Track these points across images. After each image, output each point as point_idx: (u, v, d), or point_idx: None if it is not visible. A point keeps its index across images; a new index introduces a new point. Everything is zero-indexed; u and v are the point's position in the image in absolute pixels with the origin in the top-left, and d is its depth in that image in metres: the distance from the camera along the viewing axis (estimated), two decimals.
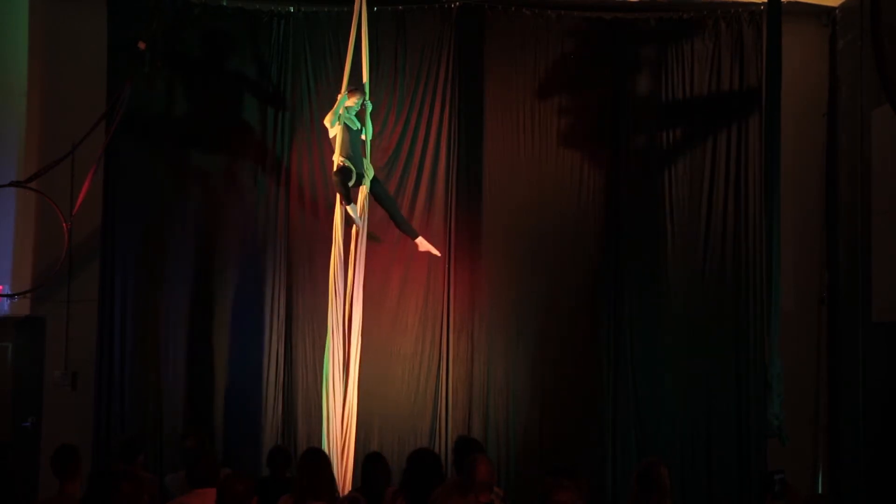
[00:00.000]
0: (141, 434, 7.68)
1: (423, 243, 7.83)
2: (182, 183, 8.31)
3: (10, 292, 7.95)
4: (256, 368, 8.21)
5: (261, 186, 8.36)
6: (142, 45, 7.68)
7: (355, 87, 7.45)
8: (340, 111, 7.35)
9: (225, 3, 8.41)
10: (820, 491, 8.46)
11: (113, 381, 8.07)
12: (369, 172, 7.49)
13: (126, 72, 7.86)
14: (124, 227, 8.20)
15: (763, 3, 7.88)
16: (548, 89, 8.56)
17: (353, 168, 7.28)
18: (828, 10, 8.67)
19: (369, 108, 7.53)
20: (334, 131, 7.42)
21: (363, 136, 7.56)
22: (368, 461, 5.86)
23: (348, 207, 7.28)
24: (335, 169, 7.31)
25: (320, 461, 5.35)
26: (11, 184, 7.65)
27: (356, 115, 7.47)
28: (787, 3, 7.79)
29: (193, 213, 8.30)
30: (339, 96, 7.39)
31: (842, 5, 8.56)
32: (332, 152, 8.24)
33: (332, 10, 8.37)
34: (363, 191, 7.45)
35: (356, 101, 7.44)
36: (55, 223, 7.67)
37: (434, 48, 8.48)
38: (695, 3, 8.63)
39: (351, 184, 7.31)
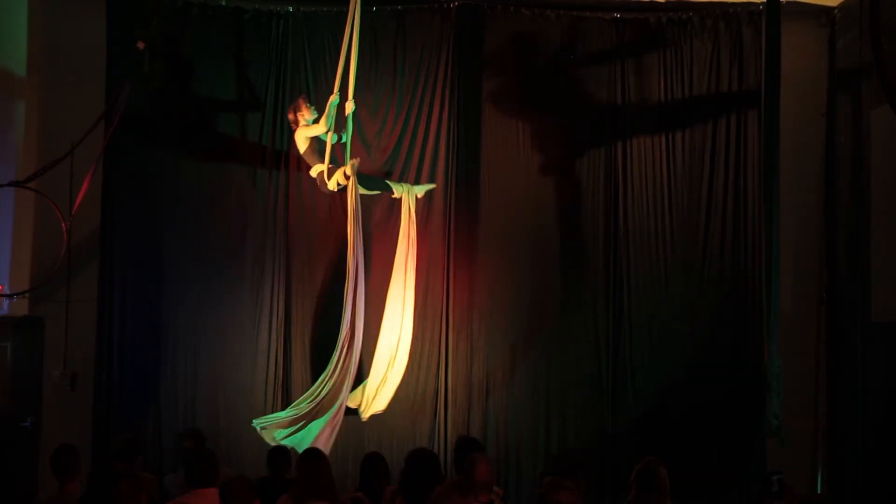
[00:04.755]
0: (140, 434, 7.69)
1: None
2: (181, 182, 8.30)
3: (9, 292, 7.95)
4: (255, 368, 8.22)
5: (260, 186, 8.36)
6: (141, 45, 7.70)
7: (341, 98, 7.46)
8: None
9: (224, 3, 8.41)
10: (820, 491, 8.46)
11: (112, 381, 8.07)
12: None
13: (125, 72, 7.87)
14: (123, 226, 8.21)
15: (762, 3, 7.88)
16: (547, 89, 8.56)
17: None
18: (827, 10, 8.68)
19: (352, 108, 7.47)
20: (305, 145, 7.56)
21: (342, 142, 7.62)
22: (368, 461, 5.87)
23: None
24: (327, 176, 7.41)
25: (320, 462, 5.36)
26: (11, 184, 7.65)
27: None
28: (787, 3, 7.79)
29: (192, 212, 8.30)
30: (332, 97, 7.36)
31: (841, 5, 8.56)
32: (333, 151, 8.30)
33: (331, 9, 8.37)
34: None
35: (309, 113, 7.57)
36: (54, 223, 7.67)
37: (433, 48, 8.48)
38: (694, 3, 8.64)
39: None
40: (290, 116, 7.69)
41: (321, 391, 7.23)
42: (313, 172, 7.57)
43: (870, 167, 8.02)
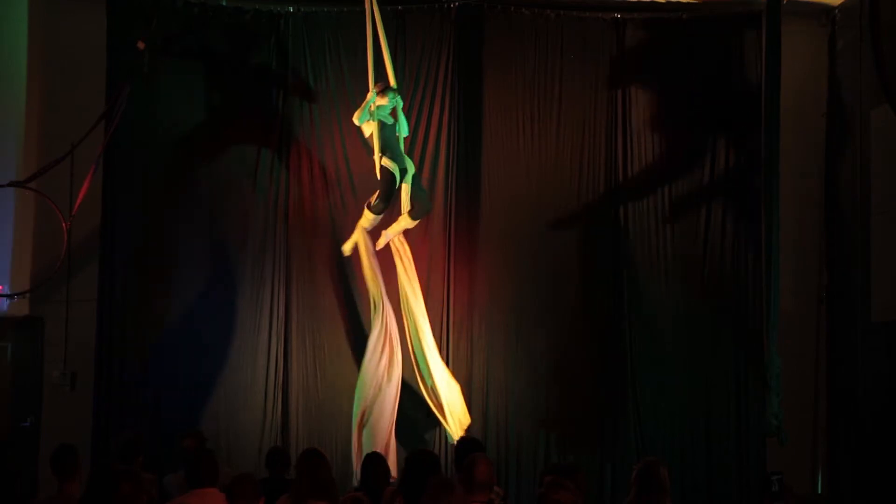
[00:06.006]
0: (140, 434, 7.67)
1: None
2: (181, 183, 8.30)
3: (9, 292, 7.95)
4: (255, 368, 8.22)
5: (260, 186, 8.35)
6: (141, 45, 7.70)
7: (386, 86, 7.53)
8: (371, 108, 7.40)
9: (224, 3, 8.41)
10: (820, 491, 8.46)
11: (112, 381, 8.07)
12: (410, 167, 7.58)
13: (125, 72, 7.86)
14: (123, 227, 8.21)
15: (763, 3, 7.88)
16: (547, 89, 8.56)
17: (396, 167, 7.40)
18: (827, 10, 8.68)
19: (400, 104, 7.57)
20: (370, 129, 7.52)
21: (398, 133, 7.64)
22: (368, 461, 5.87)
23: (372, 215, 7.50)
24: (379, 171, 7.43)
25: (320, 461, 5.35)
26: (11, 184, 7.65)
27: (389, 114, 7.55)
28: (787, 3, 7.79)
29: (192, 212, 8.29)
30: (369, 95, 7.42)
31: (841, 5, 8.56)
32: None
33: (331, 9, 8.38)
34: (405, 188, 7.58)
35: (388, 100, 7.50)
36: (55, 223, 7.67)
37: (434, 48, 8.48)
38: (694, 3, 8.64)
39: (396, 186, 7.46)
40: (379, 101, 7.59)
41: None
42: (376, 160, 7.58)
43: (870, 167, 8.02)
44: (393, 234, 7.60)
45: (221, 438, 8.00)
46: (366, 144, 7.99)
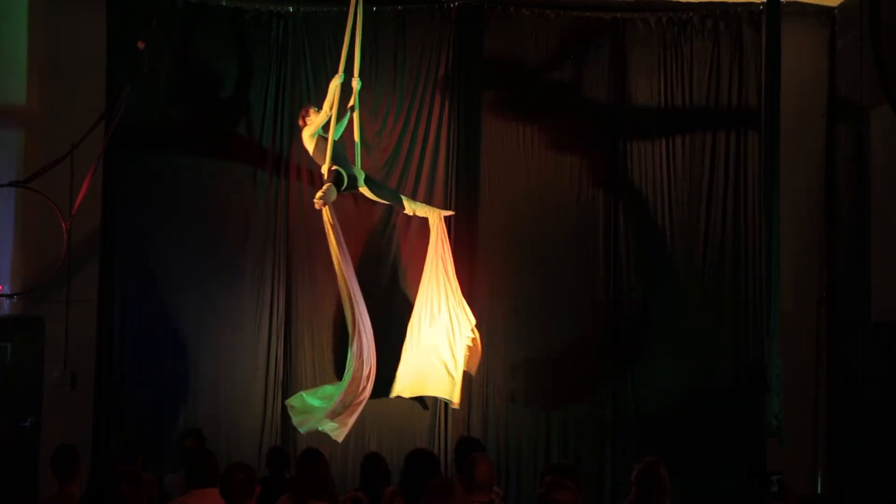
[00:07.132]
0: (140, 434, 7.69)
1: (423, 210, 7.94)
2: (181, 182, 8.30)
3: (9, 292, 7.95)
4: (256, 368, 8.22)
5: (260, 186, 8.36)
6: (141, 45, 7.70)
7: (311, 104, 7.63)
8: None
9: (224, 3, 8.41)
10: (820, 491, 8.46)
11: (112, 381, 8.07)
12: (360, 175, 7.55)
13: (125, 72, 7.87)
14: (124, 226, 8.20)
15: (762, 3, 7.88)
16: (547, 89, 8.56)
17: (343, 172, 7.33)
18: (827, 10, 8.68)
19: (358, 86, 7.45)
20: (311, 144, 7.49)
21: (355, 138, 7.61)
22: (368, 461, 5.88)
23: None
24: (327, 177, 7.30)
25: (319, 461, 5.35)
26: (11, 184, 7.67)
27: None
28: (787, 3, 7.79)
29: (193, 212, 8.29)
30: (336, 78, 7.33)
31: (841, 5, 8.56)
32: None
33: (331, 9, 8.36)
34: (367, 192, 7.61)
35: (317, 115, 7.47)
36: (55, 223, 7.68)
37: (434, 48, 8.48)
38: (694, 3, 8.64)
39: (343, 188, 7.35)
40: (300, 123, 7.69)
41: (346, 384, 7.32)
42: (324, 171, 7.46)
43: (869, 167, 8.03)
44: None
45: (221, 438, 7.98)
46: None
